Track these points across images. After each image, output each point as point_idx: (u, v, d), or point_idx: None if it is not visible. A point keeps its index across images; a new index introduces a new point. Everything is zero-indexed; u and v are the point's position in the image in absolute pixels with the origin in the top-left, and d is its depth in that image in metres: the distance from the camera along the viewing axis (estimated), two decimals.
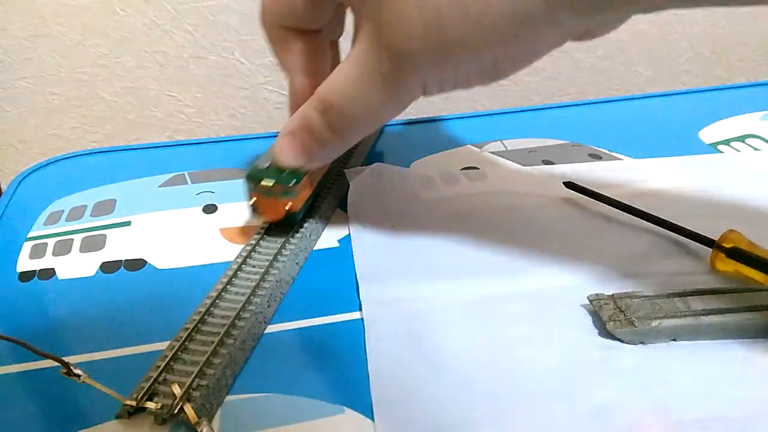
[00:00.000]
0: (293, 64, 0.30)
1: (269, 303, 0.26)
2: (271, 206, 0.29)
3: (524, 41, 0.22)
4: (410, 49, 0.23)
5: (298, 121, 0.27)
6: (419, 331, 0.25)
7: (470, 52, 0.22)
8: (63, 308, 0.27)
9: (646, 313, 0.24)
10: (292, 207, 0.29)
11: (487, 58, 0.23)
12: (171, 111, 0.57)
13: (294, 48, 0.29)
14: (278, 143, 0.28)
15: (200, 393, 0.22)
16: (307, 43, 0.29)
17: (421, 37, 0.22)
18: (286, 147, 0.28)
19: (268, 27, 0.30)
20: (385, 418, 0.21)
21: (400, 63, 0.23)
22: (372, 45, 0.24)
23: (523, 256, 0.29)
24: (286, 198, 0.29)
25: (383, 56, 0.23)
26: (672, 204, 0.32)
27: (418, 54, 0.23)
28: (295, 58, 0.29)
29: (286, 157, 0.28)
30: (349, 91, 0.25)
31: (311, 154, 0.28)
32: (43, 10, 0.50)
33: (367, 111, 0.26)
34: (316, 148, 0.28)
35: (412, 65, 0.23)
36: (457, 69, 0.23)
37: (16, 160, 0.57)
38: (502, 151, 0.39)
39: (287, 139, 0.28)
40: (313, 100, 0.27)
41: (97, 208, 0.35)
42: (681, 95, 0.47)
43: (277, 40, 0.30)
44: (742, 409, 0.21)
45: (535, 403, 0.22)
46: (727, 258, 0.27)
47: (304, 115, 0.27)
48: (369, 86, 0.24)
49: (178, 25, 0.53)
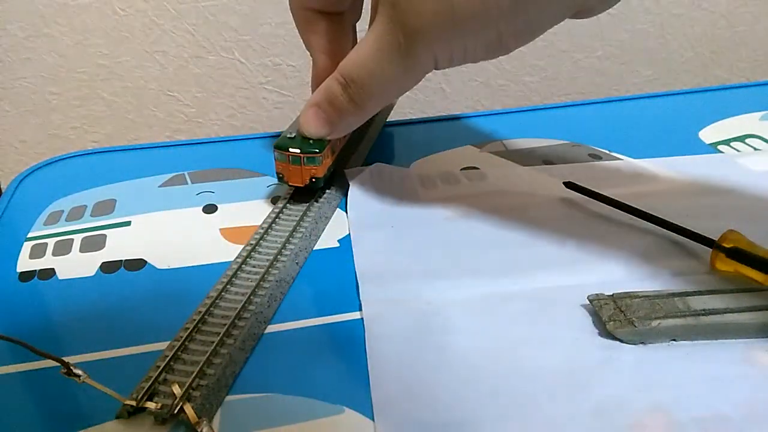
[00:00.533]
0: (317, 44, 0.33)
1: (269, 303, 0.26)
2: (297, 173, 0.32)
3: (526, 15, 0.24)
4: (422, 25, 0.25)
5: (322, 94, 0.30)
6: (419, 331, 0.25)
7: (476, 27, 0.24)
8: (63, 308, 0.27)
9: (646, 313, 0.24)
10: (316, 173, 0.32)
11: (492, 32, 0.25)
12: (171, 111, 0.57)
13: (318, 29, 0.32)
14: (304, 115, 0.31)
15: (200, 393, 0.22)
16: (330, 25, 0.32)
17: (431, 13, 0.24)
18: (311, 118, 0.30)
19: (296, 8, 0.33)
20: (385, 418, 0.21)
21: (413, 38, 0.25)
22: (388, 23, 0.26)
23: (523, 256, 0.29)
24: (311, 165, 0.31)
25: (398, 32, 0.26)
26: (672, 204, 0.32)
27: (429, 30, 0.25)
28: (319, 38, 0.33)
29: (311, 127, 0.31)
30: (369, 65, 0.27)
31: (334, 125, 0.30)
32: (43, 10, 0.50)
33: (385, 83, 0.28)
34: (338, 118, 0.30)
35: (423, 40, 0.25)
36: (465, 43, 0.25)
37: (16, 160, 0.57)
38: (502, 151, 0.39)
39: (312, 110, 0.30)
40: (336, 75, 0.29)
41: (97, 208, 0.35)
42: (681, 95, 0.47)
43: (303, 21, 0.33)
44: (742, 409, 0.21)
45: (535, 402, 0.22)
46: (727, 258, 0.27)
47: (327, 88, 0.29)
48: (386, 60, 0.27)
49: (178, 25, 0.53)
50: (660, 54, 0.63)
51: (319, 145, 0.31)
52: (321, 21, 0.32)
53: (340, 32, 0.33)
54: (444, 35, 0.25)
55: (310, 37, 0.33)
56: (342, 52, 0.31)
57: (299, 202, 0.32)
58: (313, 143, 0.31)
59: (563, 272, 0.28)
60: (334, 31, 0.33)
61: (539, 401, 0.22)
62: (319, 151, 0.31)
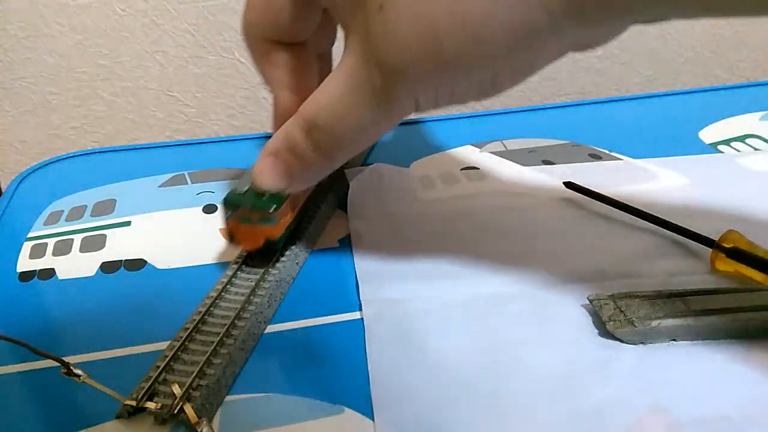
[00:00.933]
0: (277, 79, 0.28)
1: (269, 303, 0.26)
2: (249, 234, 0.27)
3: (524, 54, 0.21)
4: (403, 62, 0.21)
5: (280, 141, 0.26)
6: (419, 331, 0.25)
7: (468, 65, 0.21)
8: (63, 308, 0.27)
9: (646, 313, 0.24)
10: (272, 235, 0.27)
11: (485, 72, 0.21)
12: (171, 111, 0.57)
13: (278, 61, 0.28)
14: (258, 164, 0.26)
15: (200, 393, 0.22)
16: (291, 57, 0.28)
17: (414, 49, 0.21)
18: (266, 169, 0.26)
19: (251, 40, 0.28)
20: (385, 418, 0.21)
21: (392, 77, 0.22)
22: (361, 58, 0.22)
23: (523, 256, 0.29)
24: (265, 225, 0.27)
25: (374, 70, 0.22)
26: (672, 204, 0.32)
27: (412, 68, 0.21)
28: (280, 73, 0.28)
29: (267, 179, 0.26)
30: (337, 107, 0.23)
31: (294, 176, 0.26)
32: (43, 10, 0.50)
33: (356, 129, 0.24)
34: (300, 169, 0.26)
35: (404, 80, 0.22)
36: (454, 84, 0.22)
37: (16, 160, 0.57)
38: (502, 151, 0.39)
39: (268, 160, 0.26)
40: (298, 118, 0.25)
41: (97, 208, 0.35)
42: (681, 95, 0.47)
43: (259, 53, 0.28)
44: (742, 409, 0.21)
45: (535, 402, 0.22)
46: (727, 258, 0.27)
47: (287, 134, 0.25)
48: (358, 102, 0.23)
49: (178, 25, 0.53)
50: (660, 54, 0.63)
51: (276, 200, 0.27)
52: (280, 53, 0.28)
53: (304, 64, 0.28)
54: (429, 76, 0.21)
55: (269, 70, 0.28)
56: (308, 87, 0.27)
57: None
58: (269, 199, 0.27)
59: (563, 272, 0.28)
60: (296, 63, 0.28)
61: (539, 401, 0.22)
62: (276, 208, 0.26)
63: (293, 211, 0.29)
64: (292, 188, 0.27)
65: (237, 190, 0.27)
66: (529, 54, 0.21)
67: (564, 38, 0.21)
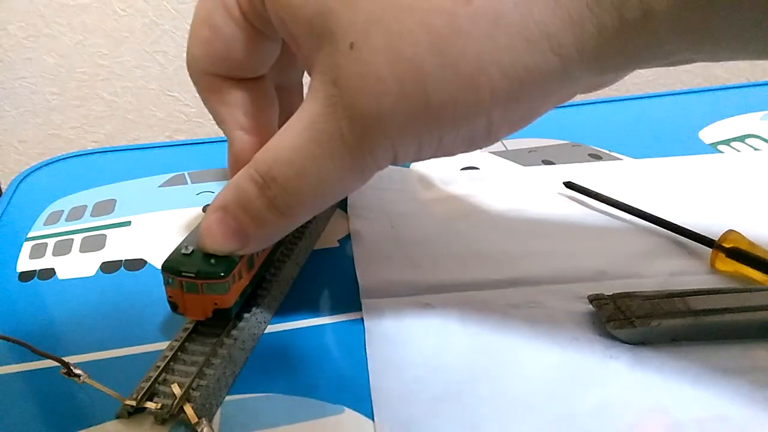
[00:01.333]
0: (231, 119, 0.24)
1: (269, 303, 0.26)
2: (195, 303, 0.23)
3: (528, 101, 0.18)
4: (379, 110, 0.18)
5: (231, 195, 0.22)
6: (419, 331, 0.25)
7: (459, 115, 0.18)
8: (63, 308, 0.27)
9: (646, 313, 0.24)
10: (222, 304, 0.23)
11: (480, 122, 0.18)
12: (171, 111, 0.57)
13: (230, 99, 0.24)
14: (205, 222, 0.22)
15: (200, 393, 0.22)
16: (247, 93, 0.24)
17: (393, 95, 0.17)
18: (214, 227, 0.22)
19: (196, 76, 0.24)
20: (385, 418, 0.21)
21: (366, 127, 0.18)
22: (328, 104, 0.19)
23: (523, 256, 0.29)
24: (214, 294, 0.22)
25: (342, 118, 0.18)
26: (672, 204, 0.32)
27: (390, 117, 0.18)
28: (233, 112, 0.24)
29: (215, 240, 0.22)
30: (297, 160, 0.20)
31: (247, 237, 0.22)
32: (43, 10, 0.50)
33: (320, 185, 0.20)
34: (254, 229, 0.22)
35: (381, 130, 0.18)
36: (441, 136, 0.19)
37: (16, 160, 0.57)
38: (502, 151, 0.39)
39: (216, 216, 0.22)
40: (251, 170, 0.21)
41: (97, 208, 0.35)
42: (681, 95, 0.47)
43: (208, 90, 0.24)
44: (742, 409, 0.21)
45: (535, 402, 0.22)
46: (727, 258, 0.27)
47: (238, 188, 0.21)
48: (323, 155, 0.19)
49: (178, 25, 0.53)
50: None
51: (226, 264, 0.22)
52: (233, 90, 0.24)
53: (262, 101, 0.25)
54: (412, 127, 0.18)
55: (221, 110, 0.24)
56: (268, 125, 0.24)
57: None
58: (217, 262, 0.22)
59: (563, 272, 0.28)
60: (253, 100, 0.24)
61: (539, 401, 0.22)
62: (225, 273, 0.22)
63: (250, 272, 0.24)
64: (246, 250, 0.23)
65: (180, 250, 0.23)
66: (532, 102, 0.19)
67: (574, 85, 0.19)
